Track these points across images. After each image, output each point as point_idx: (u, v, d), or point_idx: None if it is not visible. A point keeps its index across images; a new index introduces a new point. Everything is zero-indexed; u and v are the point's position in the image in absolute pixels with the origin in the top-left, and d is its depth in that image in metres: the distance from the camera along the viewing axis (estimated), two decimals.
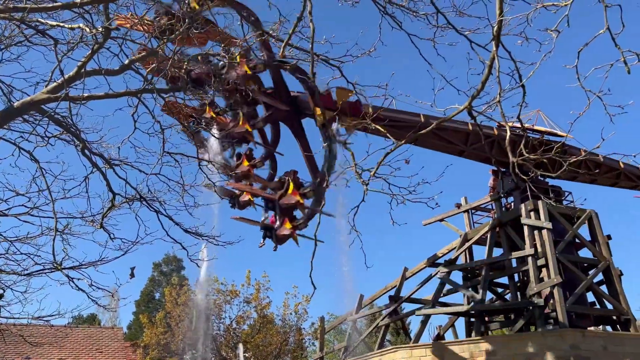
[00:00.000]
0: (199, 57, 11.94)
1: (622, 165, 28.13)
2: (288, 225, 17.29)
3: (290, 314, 29.76)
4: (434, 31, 6.18)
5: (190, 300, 28.61)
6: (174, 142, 9.02)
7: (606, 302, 24.30)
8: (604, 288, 24.70)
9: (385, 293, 31.25)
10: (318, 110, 16.47)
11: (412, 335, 28.70)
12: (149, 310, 43.06)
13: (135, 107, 8.12)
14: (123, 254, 8.64)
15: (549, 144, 23.40)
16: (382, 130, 6.13)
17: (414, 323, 42.69)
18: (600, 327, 23.67)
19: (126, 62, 7.81)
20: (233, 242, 9.33)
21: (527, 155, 5.22)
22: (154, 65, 7.75)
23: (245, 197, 19.07)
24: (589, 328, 22.64)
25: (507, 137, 5.08)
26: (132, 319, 50.07)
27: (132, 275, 8.10)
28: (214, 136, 15.27)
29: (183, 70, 8.39)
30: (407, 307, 32.59)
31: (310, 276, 6.40)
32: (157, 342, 27.88)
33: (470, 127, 23.79)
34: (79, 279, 8.20)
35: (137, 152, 8.66)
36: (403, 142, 6.21)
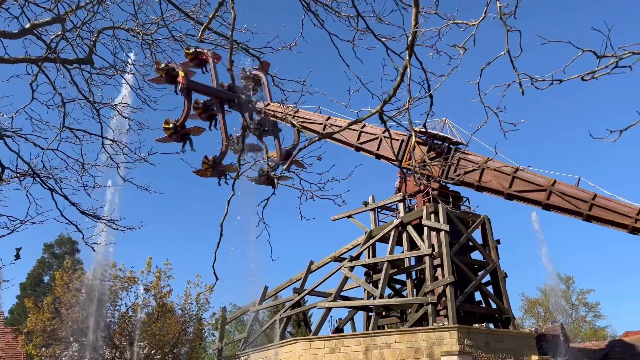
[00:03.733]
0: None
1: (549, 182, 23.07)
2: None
3: (191, 303, 29.09)
4: (354, 33, 6.31)
5: (83, 285, 26.99)
6: (75, 116, 8.41)
7: (491, 301, 26.39)
8: (490, 288, 26.80)
9: (289, 285, 31.63)
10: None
11: (313, 327, 29.26)
12: (35, 294, 40.02)
13: (34, 76, 7.50)
14: (9, 233, 7.97)
15: (451, 151, 24.99)
16: (297, 125, 6.19)
17: (316, 315, 43.55)
18: (484, 324, 25.63)
19: (27, 25, 7.19)
20: (134, 227, 8.89)
21: (429, 161, 5.53)
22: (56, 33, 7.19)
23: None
24: (474, 325, 24.44)
25: (412, 142, 5.35)
26: (15, 302, 46.32)
27: (18, 256, 7.47)
28: None
29: (92, 42, 7.85)
30: (310, 299, 33.19)
31: (213, 267, 6.31)
32: (43, 329, 25.98)
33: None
34: None
35: (33, 125, 8.00)
36: (317, 138, 6.31)
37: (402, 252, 27.10)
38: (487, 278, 26.89)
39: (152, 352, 27.07)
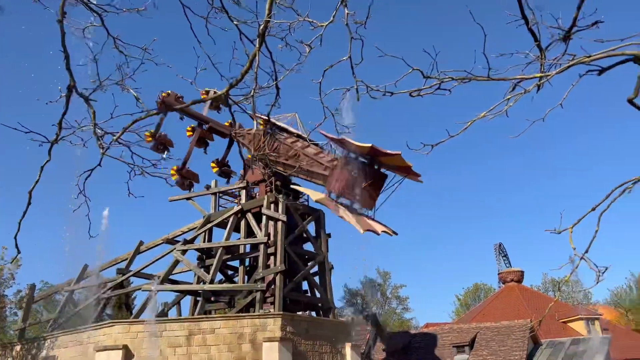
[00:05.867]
0: None
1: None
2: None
3: None
4: (208, 10, 6.09)
5: None
6: None
7: (316, 291, 27.84)
8: (317, 279, 28.25)
9: (114, 265, 29.62)
10: None
11: (136, 310, 27.83)
12: None
13: None
14: None
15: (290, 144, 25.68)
16: (134, 94, 5.78)
17: (141, 298, 41.46)
18: (307, 312, 26.94)
19: None
20: None
21: (267, 151, 5.59)
22: None
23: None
24: (298, 312, 25.54)
25: (253, 131, 5.34)
26: None
27: None
28: None
29: None
30: (137, 282, 31.47)
31: (15, 238, 5.59)
32: None
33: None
34: None
35: None
36: (154, 112, 5.95)
37: (238, 238, 27.16)
38: (316, 269, 28.30)
39: None
